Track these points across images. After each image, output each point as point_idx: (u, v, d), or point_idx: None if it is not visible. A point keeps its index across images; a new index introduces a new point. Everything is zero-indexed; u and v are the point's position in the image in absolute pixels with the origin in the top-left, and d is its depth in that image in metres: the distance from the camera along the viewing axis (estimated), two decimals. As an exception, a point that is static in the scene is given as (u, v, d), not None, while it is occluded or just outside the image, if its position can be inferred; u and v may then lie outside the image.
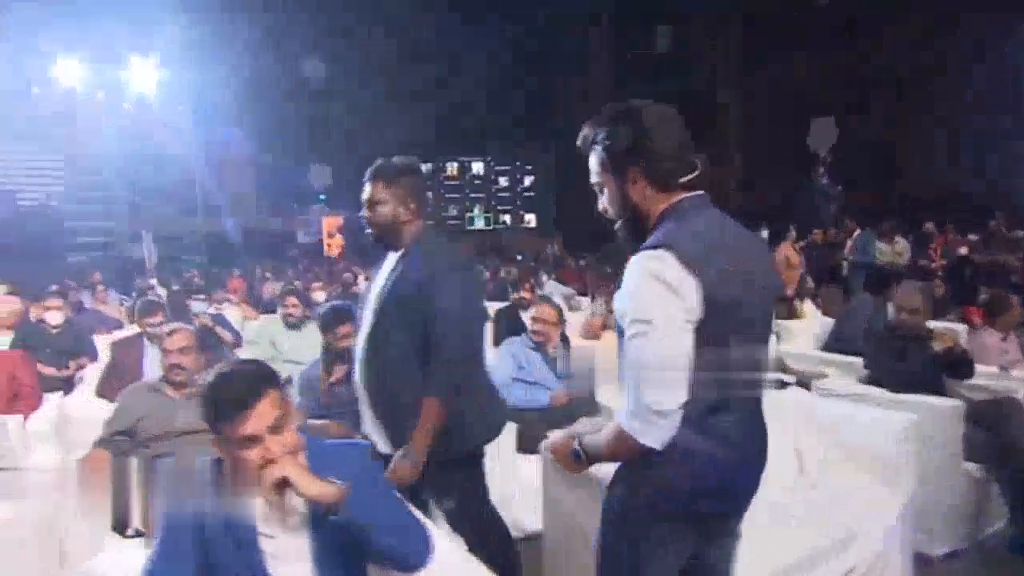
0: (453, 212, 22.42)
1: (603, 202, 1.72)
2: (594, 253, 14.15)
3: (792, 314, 7.32)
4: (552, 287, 9.16)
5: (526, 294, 5.91)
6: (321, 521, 1.50)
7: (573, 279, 11.30)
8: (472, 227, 22.34)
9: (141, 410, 2.98)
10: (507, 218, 22.58)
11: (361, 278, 10.30)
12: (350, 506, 1.45)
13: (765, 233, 9.88)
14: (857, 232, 9.31)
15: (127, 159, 14.18)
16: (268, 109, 14.98)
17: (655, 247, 1.53)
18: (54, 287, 7.78)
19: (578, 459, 1.70)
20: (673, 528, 1.62)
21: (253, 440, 1.46)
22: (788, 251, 8.97)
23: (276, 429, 1.48)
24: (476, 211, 22.56)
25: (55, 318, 5.09)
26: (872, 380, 3.80)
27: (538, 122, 20.16)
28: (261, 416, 1.46)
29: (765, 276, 1.69)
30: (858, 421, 3.10)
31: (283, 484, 1.44)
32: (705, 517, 1.66)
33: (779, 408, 3.28)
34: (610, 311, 5.39)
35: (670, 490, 1.57)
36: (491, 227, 22.25)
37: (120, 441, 2.94)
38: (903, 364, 3.64)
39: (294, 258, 15.09)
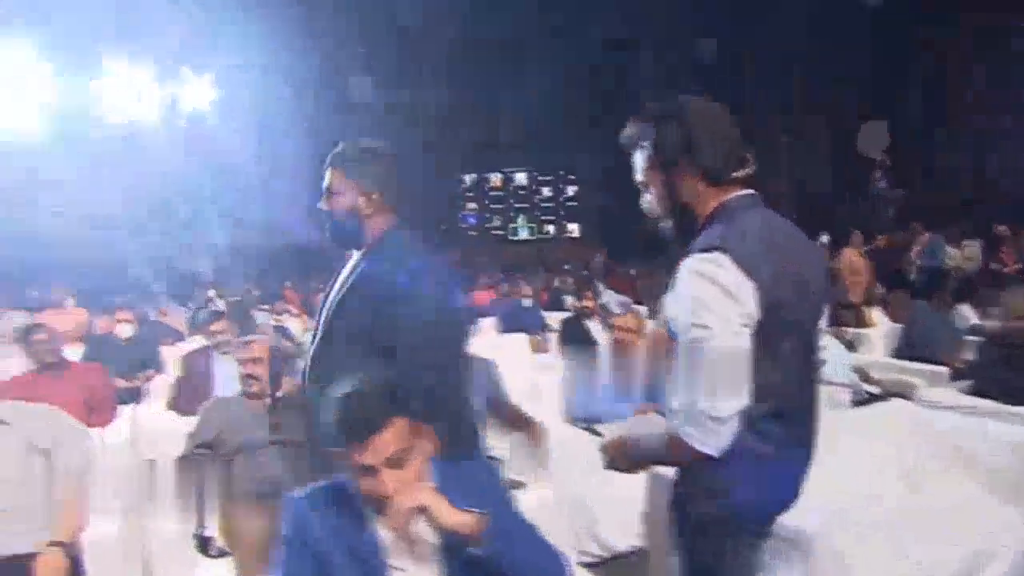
0: (497, 223, 22.35)
1: (648, 201, 1.67)
2: (640, 262, 13.96)
3: (860, 322, 7.07)
4: (608, 296, 9.01)
5: (588, 303, 5.80)
6: (455, 552, 1.38)
7: (623, 288, 11.14)
8: (516, 237, 22.26)
9: (223, 423, 2.92)
10: (551, 228, 22.45)
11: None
12: (487, 535, 1.33)
13: (825, 239, 9.60)
14: (926, 236, 9.00)
15: (183, 174, 14.43)
16: (318, 124, 15.11)
17: (708, 249, 1.48)
18: (117, 299, 7.90)
19: (634, 461, 1.70)
20: (727, 532, 1.58)
21: (367, 470, 1.35)
22: (853, 256, 8.67)
23: (396, 463, 1.36)
24: (520, 221, 22.46)
25: (125, 331, 5.12)
26: (976, 390, 3.58)
27: (581, 131, 20.06)
28: (379, 448, 1.35)
29: (817, 279, 1.63)
30: (974, 434, 2.90)
31: (416, 512, 1.33)
32: (759, 522, 1.64)
33: (885, 422, 3.12)
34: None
35: (726, 495, 1.54)
36: (534, 237, 22.15)
37: (203, 455, 2.89)
38: (1012, 373, 3.43)
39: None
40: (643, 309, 8.29)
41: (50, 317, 6.78)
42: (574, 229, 21.97)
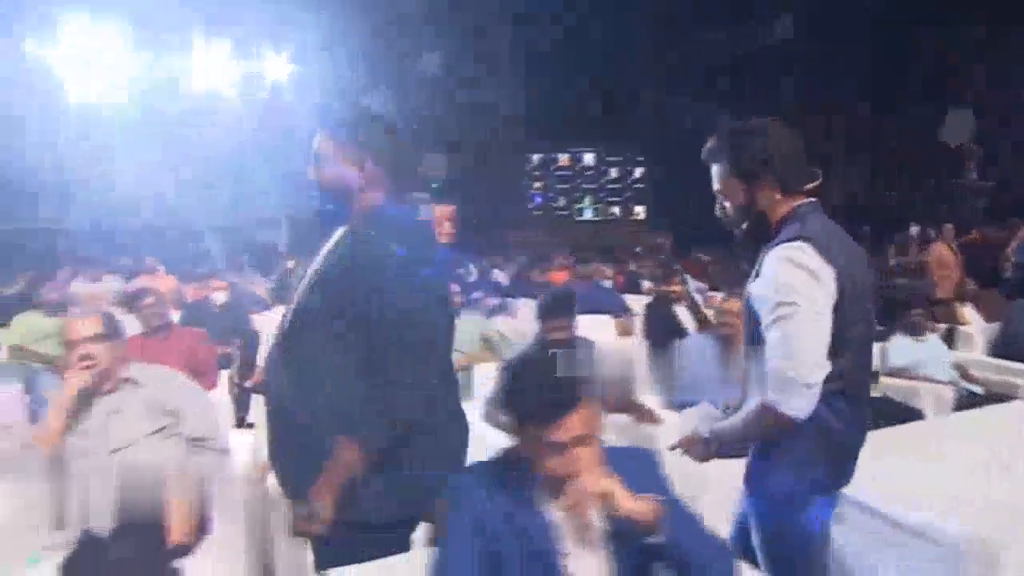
0: (562, 203, 22.24)
1: (724, 208, 1.89)
2: (706, 248, 13.76)
3: (952, 318, 6.79)
4: (689, 282, 8.87)
5: (676, 287, 5.71)
6: (626, 538, 1.36)
7: (695, 273, 10.97)
8: (581, 218, 22.13)
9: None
10: (616, 209, 22.22)
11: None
12: (663, 523, 1.31)
13: (915, 230, 9.24)
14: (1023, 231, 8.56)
15: (258, 146, 14.76)
16: (390, 100, 15.22)
17: (793, 240, 1.70)
18: (200, 269, 8.13)
19: (708, 446, 1.88)
20: (802, 505, 1.76)
21: (558, 448, 1.34)
22: (942, 250, 8.32)
23: (583, 440, 1.35)
24: (586, 202, 22.31)
25: (220, 298, 5.26)
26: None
27: (651, 114, 19.75)
28: (573, 426, 1.34)
29: (868, 281, 1.81)
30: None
31: (596, 497, 1.31)
32: (828, 496, 1.82)
33: (1004, 424, 2.98)
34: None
35: (801, 467, 1.73)
36: (599, 218, 21.97)
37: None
38: None
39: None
40: (718, 295, 8.16)
41: (144, 282, 7.02)
42: (640, 212, 21.69)
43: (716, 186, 1.88)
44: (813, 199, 1.82)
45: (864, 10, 14.21)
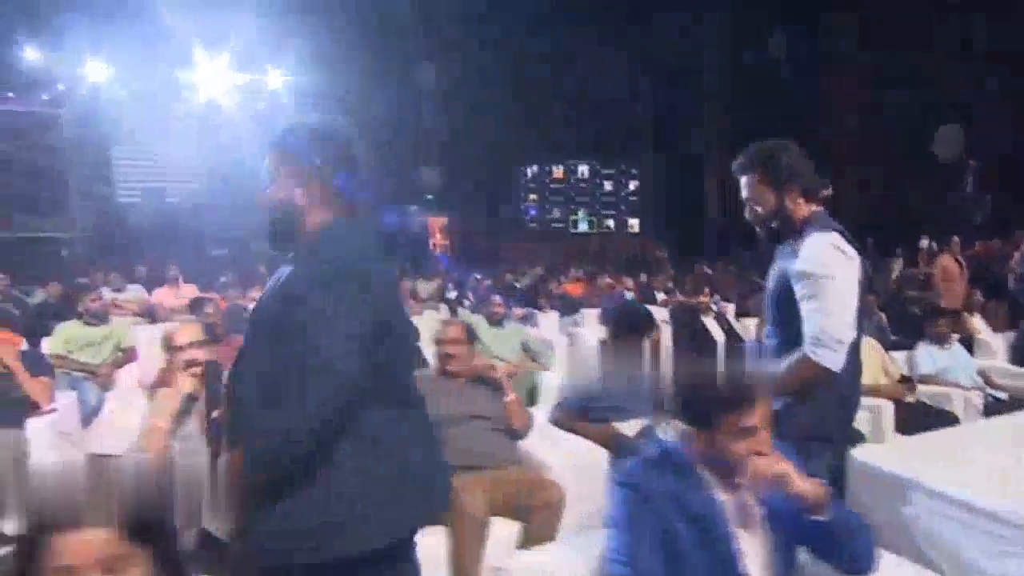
0: (557, 215, 22.37)
1: (755, 211, 2.22)
2: (705, 261, 13.98)
3: (962, 328, 6.95)
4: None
5: (704, 299, 5.86)
6: (789, 518, 1.47)
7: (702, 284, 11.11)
8: (576, 230, 22.27)
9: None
10: (611, 222, 22.40)
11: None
12: (829, 502, 1.44)
13: (925, 243, 9.44)
14: (1027, 243, 8.79)
15: (259, 158, 14.82)
16: (384, 112, 15.35)
17: (826, 231, 2.08)
18: (223, 278, 8.17)
19: None
20: (826, 448, 2.09)
21: (749, 432, 1.46)
22: (947, 262, 8.49)
23: (765, 424, 1.48)
24: (580, 214, 22.47)
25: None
26: None
27: (644, 127, 19.98)
28: (761, 410, 1.48)
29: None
30: None
31: (774, 478, 1.42)
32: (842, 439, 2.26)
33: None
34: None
35: (822, 411, 2.03)
36: (594, 231, 22.12)
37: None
38: None
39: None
40: (727, 306, 8.31)
41: (167, 292, 7.07)
42: (634, 224, 21.87)
43: (746, 194, 2.23)
44: (823, 208, 2.21)
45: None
